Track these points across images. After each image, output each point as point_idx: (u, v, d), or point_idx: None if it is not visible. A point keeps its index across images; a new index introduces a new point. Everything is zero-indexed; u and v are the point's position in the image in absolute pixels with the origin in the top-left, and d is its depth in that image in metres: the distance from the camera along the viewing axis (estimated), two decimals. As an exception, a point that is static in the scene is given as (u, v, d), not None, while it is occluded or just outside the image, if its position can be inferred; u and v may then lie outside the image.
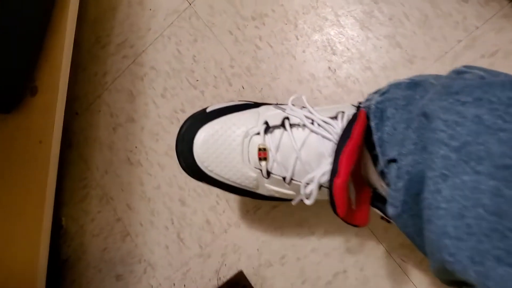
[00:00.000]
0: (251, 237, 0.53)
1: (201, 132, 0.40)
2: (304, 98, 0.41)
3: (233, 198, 0.55)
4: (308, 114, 0.39)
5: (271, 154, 0.39)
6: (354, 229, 0.50)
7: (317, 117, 0.38)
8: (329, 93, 0.52)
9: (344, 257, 0.50)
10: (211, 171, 0.40)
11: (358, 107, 0.39)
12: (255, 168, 0.40)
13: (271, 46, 0.55)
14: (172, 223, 0.57)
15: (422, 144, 0.28)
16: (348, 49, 0.52)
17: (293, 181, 0.39)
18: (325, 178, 0.36)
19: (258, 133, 0.40)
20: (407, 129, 0.31)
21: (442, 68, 0.48)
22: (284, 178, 0.39)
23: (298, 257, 0.52)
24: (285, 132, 0.39)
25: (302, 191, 0.38)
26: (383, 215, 0.38)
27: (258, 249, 0.53)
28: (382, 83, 0.50)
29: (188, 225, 0.56)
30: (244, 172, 0.40)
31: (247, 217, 0.54)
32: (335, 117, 0.39)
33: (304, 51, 0.54)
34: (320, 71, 0.53)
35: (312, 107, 0.40)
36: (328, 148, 0.37)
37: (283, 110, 0.42)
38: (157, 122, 0.59)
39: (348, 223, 0.36)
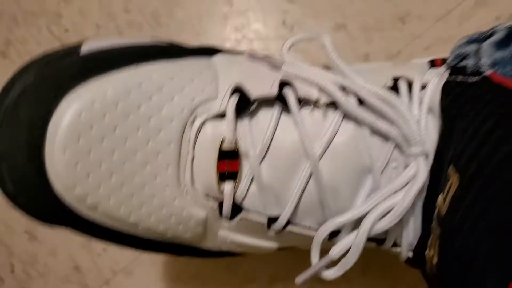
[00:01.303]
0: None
1: (68, 104, 0.16)
2: (327, 40, 0.20)
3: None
4: (339, 79, 0.18)
5: (247, 165, 0.18)
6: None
7: (362, 85, 0.18)
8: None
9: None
10: (92, 208, 0.17)
11: (456, 69, 0.18)
12: (207, 196, 0.18)
13: (193, -17, 0.37)
14: (12, 272, 0.37)
15: None
16: (312, -5, 0.36)
17: (291, 227, 0.19)
18: (408, 237, 0.18)
19: (221, 115, 0.18)
20: None
21: (445, 31, 0.35)
22: (271, 220, 0.19)
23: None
24: (284, 118, 0.18)
25: (315, 251, 0.18)
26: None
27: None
28: (362, 50, 0.35)
29: (41, 275, 0.37)
30: (178, 207, 0.18)
31: (144, 258, 0.36)
32: (392, 88, 0.19)
33: (246, -6, 0.36)
34: (270, 28, 0.36)
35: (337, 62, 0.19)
36: (381, 155, 0.18)
37: (275, 66, 0.20)
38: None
39: None
